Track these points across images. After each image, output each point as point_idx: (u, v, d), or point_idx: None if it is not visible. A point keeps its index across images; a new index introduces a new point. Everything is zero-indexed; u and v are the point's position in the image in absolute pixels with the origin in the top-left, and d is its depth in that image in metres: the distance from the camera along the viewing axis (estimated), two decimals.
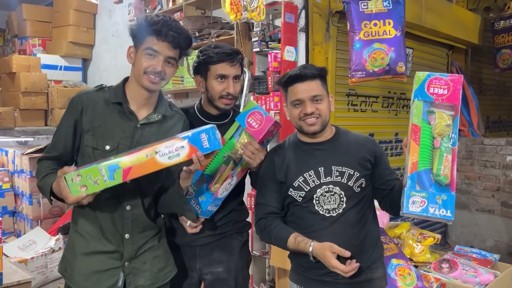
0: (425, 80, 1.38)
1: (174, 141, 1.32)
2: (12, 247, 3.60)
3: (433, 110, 1.36)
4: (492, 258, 2.51)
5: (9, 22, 5.88)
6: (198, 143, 1.33)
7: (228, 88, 1.68)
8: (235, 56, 1.69)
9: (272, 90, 3.02)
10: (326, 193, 1.52)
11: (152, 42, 1.44)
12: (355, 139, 1.61)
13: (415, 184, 1.33)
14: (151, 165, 1.30)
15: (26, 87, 4.62)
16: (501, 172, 4.26)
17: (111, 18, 5.27)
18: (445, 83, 1.36)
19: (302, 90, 1.52)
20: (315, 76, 1.53)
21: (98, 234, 1.48)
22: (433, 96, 1.36)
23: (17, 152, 4.50)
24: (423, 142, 1.35)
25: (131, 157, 1.29)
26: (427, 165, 1.34)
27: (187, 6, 3.86)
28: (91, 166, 1.29)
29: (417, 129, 1.36)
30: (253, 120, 1.60)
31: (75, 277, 1.49)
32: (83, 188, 1.29)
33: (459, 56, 4.90)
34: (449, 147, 1.33)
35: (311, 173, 1.54)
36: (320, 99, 1.53)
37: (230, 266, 1.76)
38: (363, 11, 2.78)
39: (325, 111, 1.55)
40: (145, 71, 1.44)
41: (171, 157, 1.31)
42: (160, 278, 1.57)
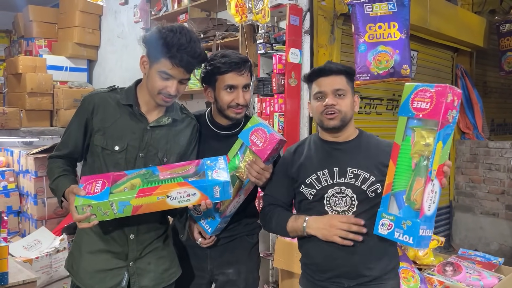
0: (411, 92, 1.30)
1: (186, 189, 1.33)
2: (17, 246, 3.63)
3: (413, 128, 1.28)
4: (497, 262, 2.50)
5: (16, 23, 5.92)
6: (210, 193, 1.35)
7: (238, 98, 1.61)
8: (243, 64, 1.61)
9: (276, 92, 3.03)
10: (338, 194, 1.48)
11: (167, 66, 1.42)
12: (377, 143, 1.56)
13: (387, 206, 1.30)
14: (161, 205, 1.34)
15: (32, 87, 4.65)
16: (506, 175, 4.24)
17: (117, 20, 5.30)
18: (430, 95, 1.25)
19: (326, 83, 1.50)
20: (340, 72, 1.52)
21: (104, 233, 1.50)
22: (415, 111, 1.27)
23: (22, 153, 4.54)
24: (401, 162, 1.29)
25: (143, 197, 1.31)
26: (402, 186, 1.28)
27: (192, 8, 3.87)
28: (103, 200, 1.30)
29: (396, 148, 1.31)
30: (256, 138, 1.53)
31: (80, 274, 1.51)
32: (92, 216, 1.32)
33: (464, 58, 4.89)
34: (423, 169, 1.25)
35: (325, 172, 1.51)
36: (343, 94, 1.50)
37: (240, 268, 1.75)
38: (368, 14, 2.79)
39: (347, 108, 1.51)
40: (159, 92, 1.46)
41: (181, 201, 1.35)
42: (165, 279, 1.58)
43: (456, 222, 4.69)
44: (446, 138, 1.27)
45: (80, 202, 1.30)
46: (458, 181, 4.68)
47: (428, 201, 1.24)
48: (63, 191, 1.41)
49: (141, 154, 1.50)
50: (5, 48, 6.41)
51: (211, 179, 1.35)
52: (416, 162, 1.26)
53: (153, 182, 1.35)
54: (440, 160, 1.26)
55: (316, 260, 1.53)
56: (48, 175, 1.53)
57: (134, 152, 1.50)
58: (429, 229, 1.27)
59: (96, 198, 1.30)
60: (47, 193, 4.34)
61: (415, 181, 1.25)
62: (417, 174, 1.25)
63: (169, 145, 1.55)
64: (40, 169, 4.29)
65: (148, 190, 1.32)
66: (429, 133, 1.25)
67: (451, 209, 4.71)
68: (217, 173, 1.37)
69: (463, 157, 4.64)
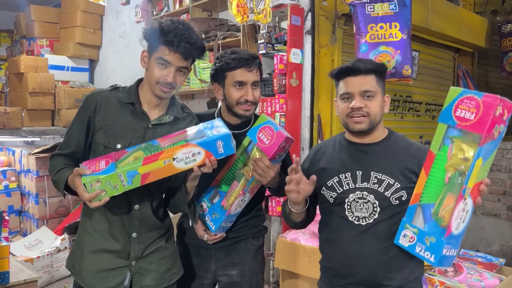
0: (456, 98, 1.16)
1: (191, 148, 1.34)
2: (19, 246, 3.63)
3: (453, 138, 1.17)
4: (498, 262, 2.50)
5: (17, 23, 5.93)
6: (214, 149, 1.37)
7: (247, 95, 1.61)
8: (252, 61, 1.62)
9: (277, 92, 3.03)
10: (359, 199, 1.41)
11: (164, 53, 1.44)
12: (406, 146, 1.45)
13: (412, 217, 1.23)
14: (168, 170, 1.35)
15: (33, 87, 4.66)
16: (508, 176, 4.23)
17: (118, 20, 5.30)
18: (476, 105, 1.12)
19: (353, 83, 1.40)
20: (369, 71, 1.41)
21: (106, 232, 1.51)
22: (457, 120, 1.15)
23: (24, 152, 4.54)
24: (434, 174, 1.20)
25: (149, 164, 1.32)
26: (432, 199, 1.19)
27: (194, 8, 3.88)
28: (110, 172, 1.30)
29: (431, 157, 1.21)
30: (264, 135, 1.53)
31: (82, 273, 1.51)
32: (102, 193, 1.32)
33: (465, 59, 4.88)
34: (457, 185, 1.14)
35: (347, 175, 1.44)
36: (372, 96, 1.40)
37: (244, 270, 1.74)
38: (369, 14, 2.78)
39: (376, 110, 1.41)
40: (157, 81, 1.47)
41: (188, 162, 1.35)
42: (166, 279, 1.58)
43: None
44: (488, 155, 1.16)
45: (88, 179, 1.29)
46: None
47: (457, 220, 1.16)
48: (66, 178, 1.42)
49: None
50: (7, 48, 6.43)
51: (212, 135, 1.37)
52: (451, 176, 1.17)
53: (156, 150, 1.36)
54: (478, 178, 1.16)
55: (334, 264, 1.48)
56: (50, 170, 1.53)
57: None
58: (454, 249, 1.20)
59: (103, 173, 1.30)
60: (49, 193, 4.35)
61: (446, 197, 1.17)
62: (450, 189, 1.16)
63: None
64: (41, 169, 4.30)
65: (153, 157, 1.32)
66: (469, 147, 1.14)
67: None
68: (217, 130, 1.39)
69: None
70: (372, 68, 1.42)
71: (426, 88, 4.41)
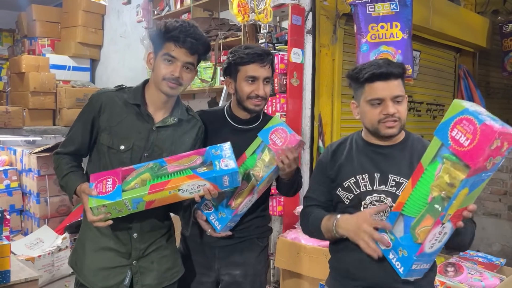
0: (455, 116, 1.09)
1: (197, 181, 1.36)
2: (20, 245, 3.64)
3: (444, 158, 1.12)
4: (498, 262, 2.50)
5: (19, 23, 5.95)
6: (220, 183, 1.38)
7: (258, 90, 1.62)
8: (266, 57, 1.63)
9: (278, 92, 3.03)
10: (376, 202, 1.39)
11: (169, 48, 1.46)
12: (423, 147, 1.38)
13: (393, 223, 1.24)
14: (173, 198, 1.38)
15: (35, 87, 4.67)
16: (509, 176, 4.23)
17: (119, 19, 5.31)
18: (473, 131, 1.04)
19: (384, 88, 1.36)
20: (400, 75, 1.38)
21: (107, 231, 1.51)
22: (452, 141, 1.09)
23: (25, 151, 4.55)
24: (419, 188, 1.18)
25: (155, 193, 1.35)
26: (413, 213, 1.19)
27: (195, 8, 3.88)
28: (116, 199, 1.33)
29: (420, 170, 1.18)
30: (277, 137, 1.53)
31: (84, 271, 1.52)
32: (108, 215, 1.36)
33: (466, 59, 4.88)
34: (436, 210, 1.13)
35: (364, 177, 1.41)
36: (401, 100, 1.38)
37: (247, 271, 1.73)
38: (370, 14, 2.79)
39: (405, 114, 1.39)
40: (163, 77, 1.48)
41: (192, 192, 1.39)
42: (167, 278, 1.59)
43: None
44: (477, 185, 1.10)
45: (94, 203, 1.32)
46: None
47: (432, 241, 1.16)
48: (74, 188, 1.44)
49: (146, 154, 1.51)
50: (9, 47, 6.45)
51: (219, 169, 1.37)
52: (434, 197, 1.14)
53: (162, 176, 1.37)
54: (462, 205, 1.12)
55: (347, 266, 1.46)
56: (56, 172, 1.55)
57: (140, 152, 1.51)
58: (426, 263, 1.22)
59: (110, 197, 1.33)
60: (50, 192, 4.36)
61: (425, 217, 1.15)
62: (430, 211, 1.15)
63: (174, 146, 1.56)
64: (42, 168, 4.31)
65: (159, 186, 1.35)
66: (457, 174, 1.08)
67: None
68: (225, 163, 1.39)
69: None
70: (402, 72, 1.40)
71: (427, 88, 4.41)
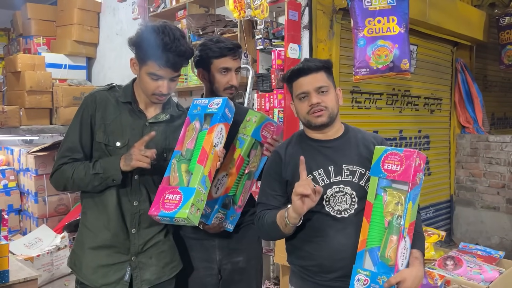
0: (381, 155, 1.37)
1: (216, 131, 1.46)
2: (18, 245, 3.64)
3: (385, 188, 1.35)
4: (497, 255, 2.50)
5: (14, 21, 5.91)
6: (226, 118, 1.52)
7: (232, 80, 1.76)
8: (236, 50, 1.77)
9: (275, 87, 3.02)
10: (337, 193, 1.46)
11: (154, 68, 1.46)
12: (363, 137, 1.56)
13: (362, 262, 1.34)
14: (215, 158, 1.47)
15: (31, 86, 4.64)
16: (507, 169, 4.24)
17: (115, 17, 5.28)
18: (399, 159, 1.34)
19: (307, 82, 1.48)
20: (319, 68, 1.49)
21: (105, 228, 1.53)
22: (386, 172, 1.34)
23: (22, 151, 4.54)
24: (374, 220, 1.34)
25: (206, 162, 1.42)
26: (376, 243, 1.33)
27: (191, 4, 3.86)
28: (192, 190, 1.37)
29: (369, 206, 1.36)
30: (266, 131, 1.70)
31: (83, 270, 1.53)
32: (198, 213, 1.39)
33: (463, 52, 4.87)
34: (396, 227, 1.31)
35: (320, 172, 1.47)
36: (326, 91, 1.49)
37: (250, 254, 1.83)
38: (366, 8, 2.77)
39: (332, 103, 1.49)
40: (152, 93, 1.51)
41: (220, 142, 1.50)
42: (166, 272, 1.61)
43: (456, 216, 4.69)
44: (415, 198, 1.36)
45: (186, 211, 1.33)
46: (458, 175, 4.68)
47: (402, 257, 1.32)
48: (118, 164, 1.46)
49: None
50: (4, 47, 6.40)
51: (217, 109, 1.49)
52: (389, 220, 1.33)
53: (193, 154, 1.45)
54: (411, 219, 1.35)
55: (321, 261, 1.47)
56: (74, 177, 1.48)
57: None
58: None
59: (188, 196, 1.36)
60: (48, 191, 4.35)
61: (389, 239, 1.32)
62: (391, 232, 1.32)
63: (168, 141, 1.59)
64: (40, 167, 4.29)
65: (201, 156, 1.42)
66: (400, 194, 1.33)
67: (452, 203, 4.71)
68: (213, 104, 1.52)
69: (464, 151, 4.64)
70: (321, 65, 1.50)
71: (425, 82, 4.40)
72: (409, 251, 1.35)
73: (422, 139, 4.46)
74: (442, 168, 4.67)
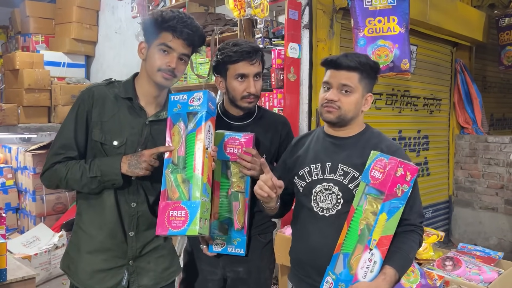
0: (373, 160, 1.33)
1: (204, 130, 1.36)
2: (16, 243, 3.62)
3: (368, 195, 1.31)
4: (496, 256, 2.50)
5: (12, 19, 5.89)
6: (211, 112, 1.40)
7: (249, 88, 1.62)
8: (254, 53, 1.62)
9: (275, 87, 3.01)
10: (325, 190, 1.46)
11: (167, 38, 1.42)
12: (378, 142, 1.48)
13: (335, 264, 1.33)
14: (211, 160, 1.39)
15: (29, 83, 4.63)
16: (505, 170, 4.24)
17: (114, 15, 5.27)
18: (383, 166, 1.28)
19: (334, 75, 1.44)
20: (350, 68, 1.42)
21: (102, 231, 1.47)
22: (371, 179, 1.31)
23: (20, 149, 4.52)
24: (352, 226, 1.32)
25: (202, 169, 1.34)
26: (349, 249, 1.31)
27: (191, 3, 3.85)
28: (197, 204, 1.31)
29: (352, 211, 1.34)
30: (231, 147, 1.56)
31: (79, 275, 1.48)
32: (206, 223, 1.34)
33: (463, 53, 4.88)
34: (364, 237, 1.28)
35: (317, 166, 1.48)
36: (349, 91, 1.42)
37: (250, 267, 1.73)
38: (367, 8, 2.77)
39: (349, 106, 1.43)
40: (159, 68, 1.44)
41: (211, 140, 1.41)
42: (164, 278, 1.56)
43: (455, 217, 4.69)
44: (393, 212, 1.27)
45: (195, 227, 1.29)
46: (457, 176, 4.68)
47: (364, 269, 1.27)
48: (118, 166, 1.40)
49: (139, 149, 1.47)
50: (2, 44, 6.38)
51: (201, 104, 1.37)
52: (362, 228, 1.30)
53: (186, 161, 1.36)
54: (384, 232, 1.27)
55: (300, 256, 1.52)
56: (71, 177, 1.42)
57: (133, 147, 1.47)
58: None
59: (194, 211, 1.30)
60: (46, 190, 4.33)
61: (356, 248, 1.29)
62: (359, 241, 1.29)
63: None
64: (38, 166, 4.27)
65: (196, 162, 1.34)
66: (376, 203, 1.28)
67: (451, 204, 4.72)
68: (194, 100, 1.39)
69: (463, 152, 4.64)
70: (354, 66, 1.42)
71: (424, 82, 4.40)
72: (377, 265, 1.28)
73: (421, 140, 4.46)
74: (441, 169, 4.67)
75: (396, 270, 1.31)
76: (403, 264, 1.35)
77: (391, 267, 1.30)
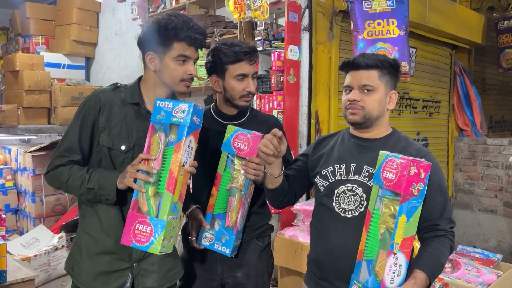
0: (383, 161, 1.29)
1: (184, 143, 1.32)
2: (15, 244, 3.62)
3: (383, 197, 1.27)
4: (495, 258, 2.51)
5: (13, 21, 5.89)
6: (195, 126, 1.36)
7: (249, 86, 1.65)
8: (253, 54, 1.65)
9: (275, 89, 3.02)
10: (348, 191, 1.43)
11: (182, 49, 1.43)
12: (406, 146, 1.44)
13: (359, 272, 1.30)
14: (186, 176, 1.37)
15: (29, 85, 4.62)
16: (504, 172, 4.25)
17: (114, 17, 5.28)
18: (395, 167, 1.24)
19: (354, 77, 1.44)
20: (369, 66, 1.41)
21: (106, 234, 1.47)
22: (384, 181, 1.27)
23: (20, 150, 4.52)
24: (371, 231, 1.29)
25: (175, 187, 1.32)
26: (372, 255, 1.27)
27: (191, 5, 3.86)
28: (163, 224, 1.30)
29: (369, 215, 1.30)
30: (239, 143, 1.54)
31: (83, 276, 1.49)
32: (171, 240, 1.35)
33: (462, 55, 4.89)
34: (387, 242, 1.24)
35: (342, 166, 1.46)
36: (371, 90, 1.41)
37: (249, 272, 1.72)
38: (366, 11, 2.78)
39: (372, 105, 1.42)
40: (181, 79, 1.45)
41: (190, 156, 1.38)
42: (168, 279, 1.56)
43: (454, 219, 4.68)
44: (412, 212, 1.25)
45: (158, 247, 1.29)
46: (456, 178, 4.68)
47: (391, 274, 1.24)
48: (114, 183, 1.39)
49: None
50: (2, 46, 6.38)
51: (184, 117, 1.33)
52: (382, 233, 1.26)
53: (160, 176, 1.33)
54: (405, 234, 1.25)
55: (318, 256, 1.49)
56: (71, 183, 1.42)
57: (140, 152, 1.44)
58: None
59: (158, 229, 1.30)
60: (45, 191, 4.33)
61: (379, 253, 1.26)
62: (382, 246, 1.26)
63: None
64: (38, 167, 4.27)
65: (169, 180, 1.31)
66: (394, 205, 1.24)
67: None
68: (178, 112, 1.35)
69: (462, 154, 4.65)
70: (373, 64, 1.42)
71: (423, 84, 4.41)
72: (403, 268, 1.25)
73: (420, 142, 4.46)
74: None
75: (427, 275, 1.28)
76: (434, 269, 1.32)
77: (422, 271, 1.27)
